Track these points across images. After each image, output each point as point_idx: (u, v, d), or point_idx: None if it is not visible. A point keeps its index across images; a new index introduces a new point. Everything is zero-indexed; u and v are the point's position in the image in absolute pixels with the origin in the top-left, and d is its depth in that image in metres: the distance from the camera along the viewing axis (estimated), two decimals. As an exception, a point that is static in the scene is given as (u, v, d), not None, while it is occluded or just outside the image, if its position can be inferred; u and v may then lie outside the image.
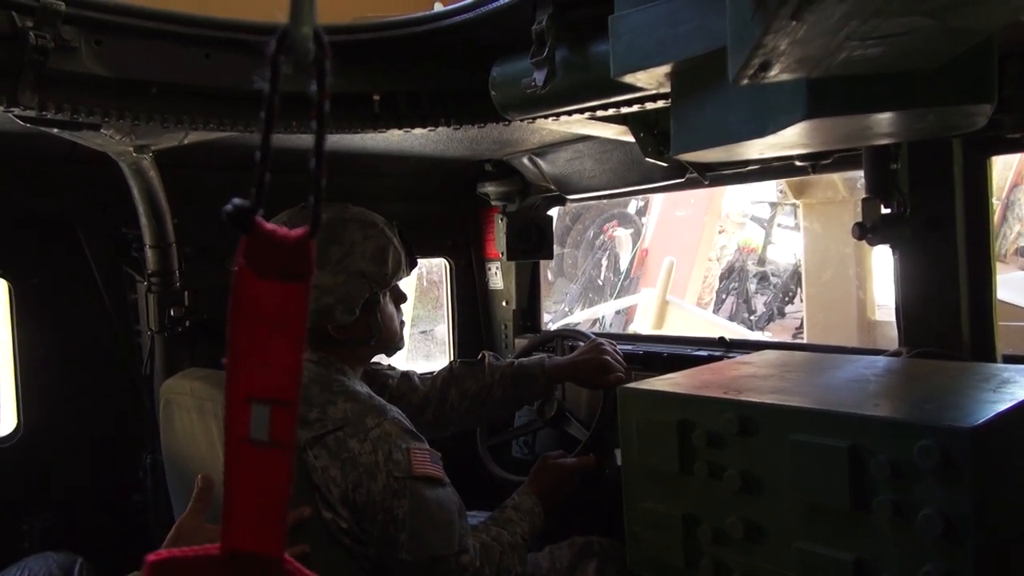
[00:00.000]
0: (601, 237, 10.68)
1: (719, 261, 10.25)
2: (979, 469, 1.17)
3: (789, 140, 1.19)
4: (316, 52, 0.41)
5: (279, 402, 0.48)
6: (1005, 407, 1.27)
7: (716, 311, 9.88)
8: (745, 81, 0.84)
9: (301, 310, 0.46)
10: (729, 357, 2.34)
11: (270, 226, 0.44)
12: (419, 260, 2.23)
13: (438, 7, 1.74)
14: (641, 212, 10.52)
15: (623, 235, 10.57)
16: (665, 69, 1.26)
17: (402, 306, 2.19)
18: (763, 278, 10.33)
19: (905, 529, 1.23)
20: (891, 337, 2.16)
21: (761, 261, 10.42)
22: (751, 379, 1.67)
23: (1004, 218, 8.55)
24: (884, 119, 1.05)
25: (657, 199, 9.88)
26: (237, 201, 0.43)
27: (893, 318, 2.11)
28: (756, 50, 0.73)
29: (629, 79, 1.31)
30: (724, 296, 10.21)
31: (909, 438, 1.21)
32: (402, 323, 2.15)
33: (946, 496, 1.18)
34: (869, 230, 1.99)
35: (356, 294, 1.90)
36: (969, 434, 1.16)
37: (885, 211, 2.00)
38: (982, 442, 1.17)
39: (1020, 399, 1.33)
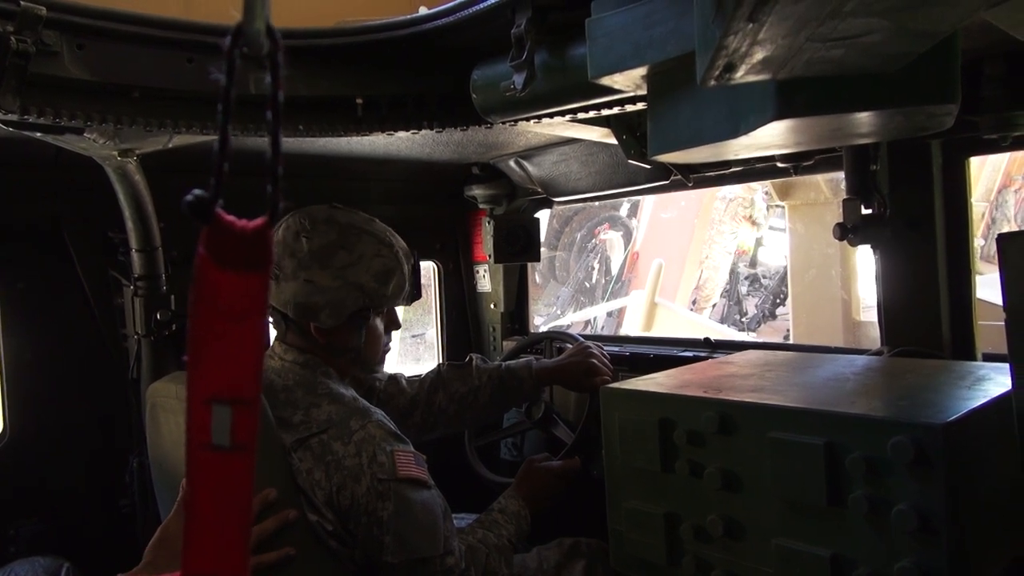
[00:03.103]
0: (591, 240, 10.70)
1: (733, 254, 10.11)
2: (952, 465, 1.18)
3: (763, 141, 1.21)
4: (269, 46, 0.43)
5: (240, 401, 0.47)
6: (978, 403, 1.29)
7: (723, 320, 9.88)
8: (712, 82, 0.85)
9: (261, 301, 0.47)
10: (714, 358, 2.36)
11: (230, 217, 0.45)
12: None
13: (422, 11, 1.75)
14: (631, 215, 10.56)
15: (614, 238, 10.60)
16: (641, 71, 1.27)
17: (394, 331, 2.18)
18: (754, 280, 10.37)
19: (880, 524, 1.24)
20: (876, 337, 2.18)
21: (752, 263, 10.46)
22: (731, 378, 1.69)
23: (992, 219, 8.62)
24: (853, 120, 1.07)
25: (648, 202, 9.92)
26: (197, 192, 0.44)
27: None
28: (719, 52, 0.75)
29: (606, 81, 1.33)
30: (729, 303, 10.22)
31: (883, 435, 1.22)
32: (388, 348, 2.13)
33: (920, 491, 1.20)
34: (850, 231, 2.01)
35: (347, 302, 1.89)
36: (942, 430, 1.18)
37: (866, 212, 2.02)
38: (955, 438, 1.19)
39: (994, 396, 1.35)
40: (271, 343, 1.98)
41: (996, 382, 1.46)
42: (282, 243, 1.88)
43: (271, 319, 1.98)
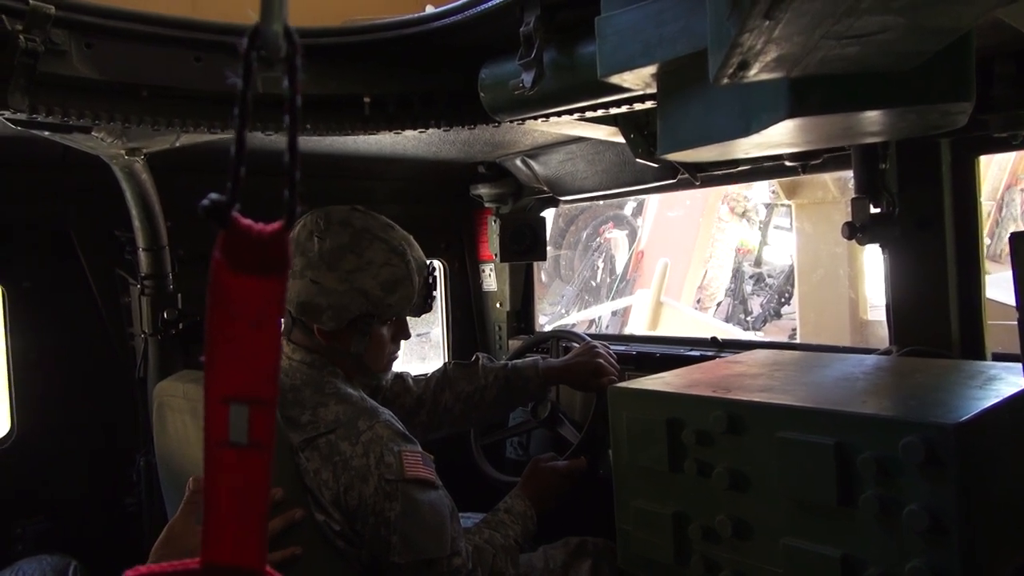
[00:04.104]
0: (596, 239, 10.70)
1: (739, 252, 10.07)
2: (964, 465, 1.18)
3: (774, 139, 1.20)
4: (287, 48, 0.42)
5: (257, 401, 0.47)
6: (990, 403, 1.29)
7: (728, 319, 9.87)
8: (725, 81, 0.85)
9: (278, 305, 0.46)
10: (721, 357, 2.35)
11: (246, 221, 0.45)
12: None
13: (429, 9, 1.75)
14: (636, 214, 10.55)
15: (619, 237, 10.59)
16: (651, 70, 1.27)
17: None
18: (759, 279, 10.36)
19: (891, 525, 1.24)
20: (883, 337, 2.17)
21: (757, 262, 10.45)
22: (740, 378, 1.68)
23: (999, 218, 8.59)
24: (866, 118, 1.06)
25: (652, 201, 9.91)
26: (214, 196, 0.44)
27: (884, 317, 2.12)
28: (733, 49, 0.74)
29: (616, 80, 1.32)
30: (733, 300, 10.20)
31: (894, 434, 1.22)
32: (394, 356, 2.11)
33: (931, 492, 1.19)
34: (859, 230, 2.00)
35: (350, 307, 1.87)
36: (953, 430, 1.17)
37: (874, 211, 2.01)
38: (967, 438, 1.18)
39: (1006, 395, 1.34)
40: None
41: (1007, 382, 1.45)
42: (295, 241, 1.87)
43: None
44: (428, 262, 2.06)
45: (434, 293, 2.10)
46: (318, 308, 1.86)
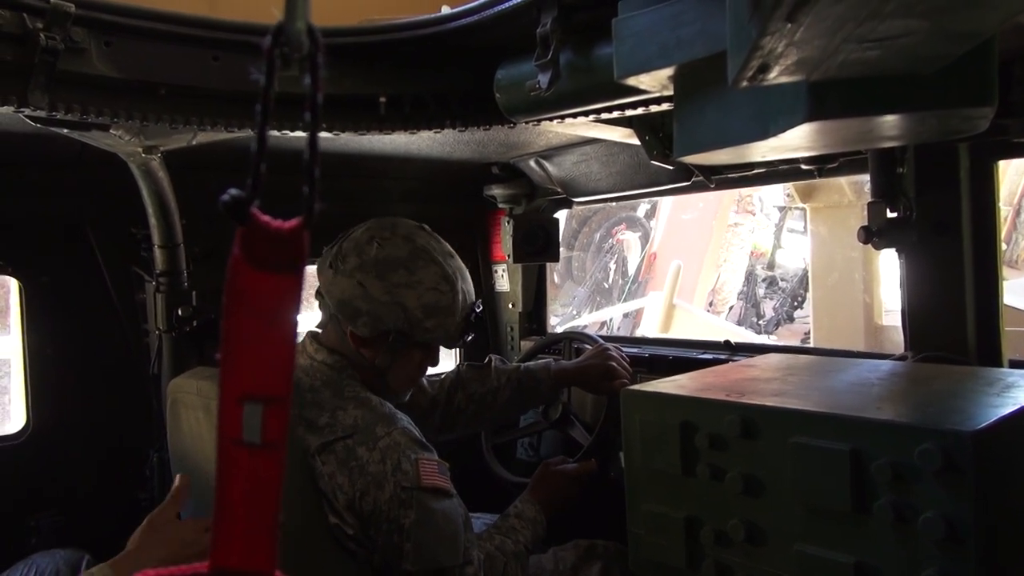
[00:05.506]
0: (609, 240, 10.67)
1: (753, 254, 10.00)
2: (981, 473, 1.16)
3: (791, 142, 1.19)
4: (310, 46, 0.42)
5: (272, 399, 0.47)
6: (1008, 411, 1.27)
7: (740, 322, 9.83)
8: (744, 83, 0.84)
9: (293, 302, 0.46)
10: (734, 360, 2.34)
11: (266, 217, 0.45)
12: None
13: (445, 10, 1.75)
14: (649, 216, 10.52)
15: (631, 239, 10.56)
16: (668, 71, 1.26)
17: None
18: (772, 283, 10.29)
19: (906, 532, 1.23)
20: (898, 342, 2.16)
21: (770, 265, 10.39)
22: (754, 382, 1.67)
23: (1016, 223, 8.51)
24: (885, 122, 1.05)
25: (665, 203, 9.88)
26: (234, 192, 0.44)
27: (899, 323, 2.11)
28: (754, 52, 0.74)
29: (632, 81, 1.32)
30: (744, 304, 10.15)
31: (910, 441, 1.21)
32: (415, 383, 2.09)
33: (948, 499, 1.18)
34: (875, 234, 1.98)
35: (385, 319, 1.87)
36: (971, 438, 1.16)
37: (891, 215, 1.99)
38: (984, 446, 1.17)
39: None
40: (303, 340, 1.99)
41: (1025, 389, 1.43)
42: (355, 240, 1.90)
43: (318, 306, 1.99)
44: (475, 302, 2.04)
45: (473, 332, 2.06)
46: (357, 311, 1.86)
